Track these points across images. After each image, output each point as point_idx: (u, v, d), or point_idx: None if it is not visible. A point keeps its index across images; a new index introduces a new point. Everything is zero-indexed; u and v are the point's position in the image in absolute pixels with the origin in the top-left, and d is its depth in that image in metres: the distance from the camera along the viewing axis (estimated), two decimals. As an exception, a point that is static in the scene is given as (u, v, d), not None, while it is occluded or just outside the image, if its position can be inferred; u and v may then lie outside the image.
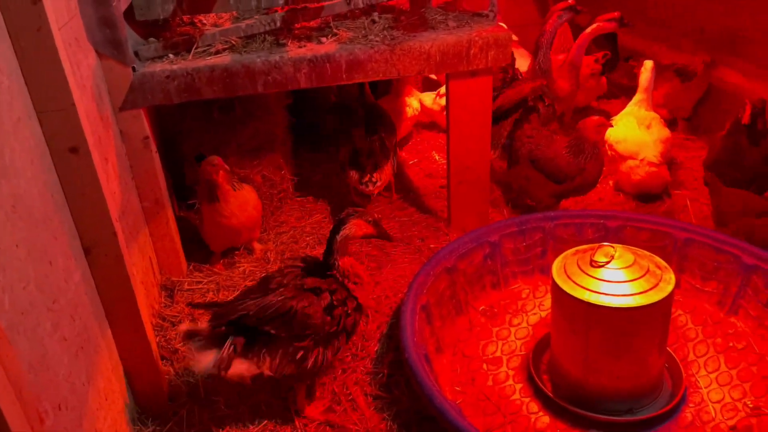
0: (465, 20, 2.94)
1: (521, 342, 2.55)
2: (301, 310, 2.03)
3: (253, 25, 2.72)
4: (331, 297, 2.10)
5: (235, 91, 2.62)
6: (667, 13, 4.46)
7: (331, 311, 2.08)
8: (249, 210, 2.93)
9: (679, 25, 4.35)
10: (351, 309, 2.15)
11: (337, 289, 2.13)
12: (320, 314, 2.06)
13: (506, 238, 2.81)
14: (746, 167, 2.99)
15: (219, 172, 2.77)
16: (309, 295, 2.08)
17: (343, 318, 2.11)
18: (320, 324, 2.06)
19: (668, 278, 2.09)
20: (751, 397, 2.19)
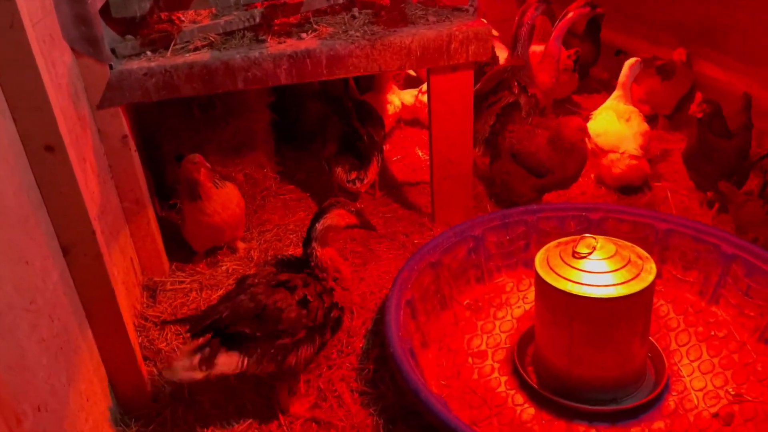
0: (445, 15, 2.94)
1: (506, 335, 2.56)
2: (272, 306, 2.01)
3: (232, 21, 2.70)
4: (304, 291, 2.06)
5: (215, 88, 2.60)
6: (646, 7, 4.51)
7: (305, 305, 2.05)
8: (232, 207, 2.90)
9: (658, 19, 4.40)
10: (329, 303, 2.12)
11: (311, 283, 2.10)
12: (294, 308, 2.03)
13: (490, 231, 2.82)
14: (716, 161, 3.03)
15: (200, 170, 2.75)
16: (281, 290, 2.05)
17: (321, 311, 2.08)
18: (295, 318, 2.03)
19: (649, 268, 2.10)
20: (732, 385, 2.21)
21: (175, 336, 2.56)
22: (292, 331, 2.04)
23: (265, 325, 2.01)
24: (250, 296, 2.02)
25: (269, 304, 2.01)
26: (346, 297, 2.22)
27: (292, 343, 2.06)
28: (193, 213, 2.85)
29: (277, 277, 2.09)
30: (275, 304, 2.01)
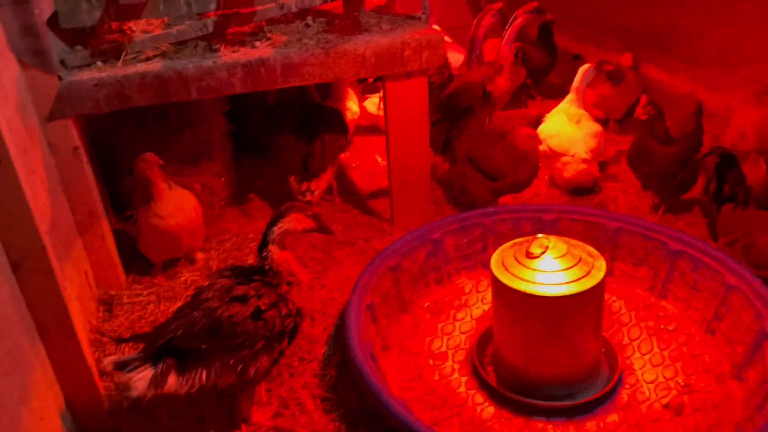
0: (398, 23, 2.98)
1: (465, 336, 2.60)
2: (227, 321, 1.99)
3: (184, 30, 2.69)
4: (258, 302, 2.04)
5: (168, 98, 2.58)
6: (594, 13, 4.65)
7: (261, 316, 2.03)
8: (188, 211, 2.85)
9: (606, 25, 4.55)
10: (285, 311, 2.11)
11: (264, 293, 2.07)
12: (249, 321, 2.01)
13: (448, 235, 2.86)
14: (653, 164, 3.15)
15: (153, 169, 2.71)
16: (234, 304, 2.02)
17: (278, 320, 2.07)
18: (252, 330, 2.01)
19: (599, 266, 2.17)
20: (682, 376, 2.30)
21: (133, 350, 2.51)
22: (249, 343, 2.03)
23: (222, 340, 1.99)
24: (204, 312, 2.00)
25: (224, 319, 1.99)
26: (303, 299, 2.21)
27: (251, 354, 2.05)
28: (148, 217, 2.80)
29: (231, 289, 2.07)
30: (230, 318, 1.99)
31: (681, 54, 3.89)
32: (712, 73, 3.70)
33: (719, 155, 2.81)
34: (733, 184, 2.79)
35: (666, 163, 3.09)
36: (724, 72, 3.61)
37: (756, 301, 2.25)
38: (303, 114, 3.49)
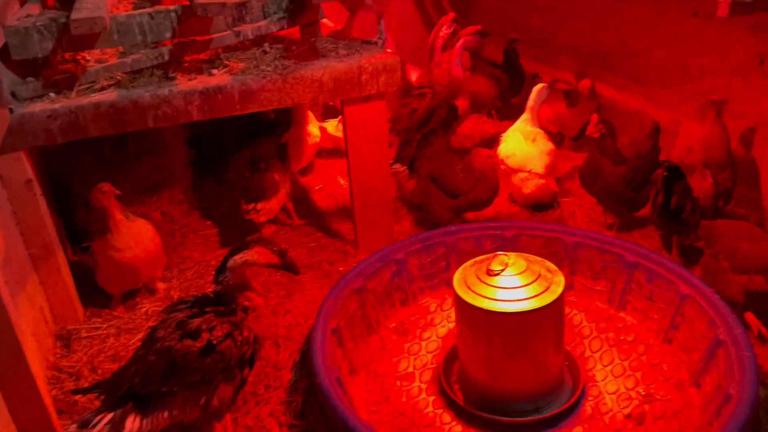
0: (355, 48, 3.02)
1: (432, 355, 2.61)
2: (181, 360, 1.96)
3: (139, 59, 2.67)
4: (210, 335, 2.01)
5: (124, 127, 2.56)
6: (545, 34, 4.79)
7: (214, 349, 2.00)
8: (146, 242, 2.81)
9: (557, 44, 4.69)
10: (242, 339, 2.08)
11: (217, 325, 2.04)
12: (202, 358, 1.99)
13: (411, 255, 2.88)
14: (600, 182, 3.25)
15: (110, 199, 2.67)
16: (186, 341, 1.99)
17: (235, 350, 2.04)
18: (208, 365, 1.99)
19: (558, 281, 2.22)
20: (642, 385, 2.35)
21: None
22: (209, 377, 2.00)
23: (180, 379, 1.97)
24: (158, 354, 1.97)
25: (178, 358, 1.96)
26: (262, 324, 2.20)
27: (213, 387, 2.02)
28: (104, 250, 2.74)
29: (183, 324, 2.03)
30: (184, 357, 1.96)
31: (630, 72, 4.03)
32: (659, 90, 3.84)
33: (666, 169, 2.90)
34: (680, 197, 2.89)
35: (615, 182, 3.19)
36: (670, 89, 3.75)
37: (709, 309, 2.32)
38: (247, 136, 3.51)
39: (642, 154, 3.19)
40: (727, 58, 3.35)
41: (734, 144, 3.28)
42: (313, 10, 2.99)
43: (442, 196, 3.34)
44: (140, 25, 2.67)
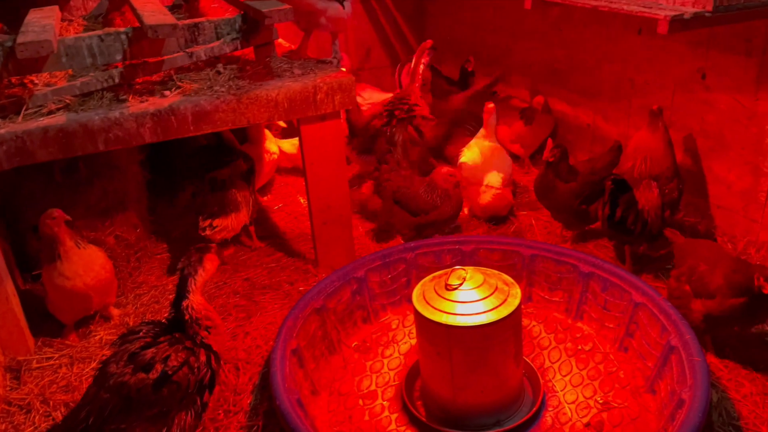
0: (310, 67, 3.04)
1: (394, 372, 2.60)
2: (136, 395, 1.92)
3: (89, 82, 2.63)
4: (164, 366, 1.97)
5: (74, 151, 2.50)
6: (499, 52, 4.91)
7: (169, 380, 1.96)
8: (96, 270, 2.73)
9: (510, 62, 4.80)
10: (198, 364, 2.04)
11: (171, 353, 2.00)
12: (158, 390, 1.95)
13: (372, 272, 2.89)
14: (550, 199, 3.34)
15: (60, 226, 2.60)
16: (140, 375, 1.95)
17: (192, 377, 2.00)
18: (166, 396, 1.95)
19: (515, 293, 2.25)
20: (600, 394, 2.39)
21: (44, 418, 2.37)
22: (167, 409, 1.96)
23: (138, 415, 1.92)
24: (112, 390, 1.92)
25: (133, 394, 1.91)
26: (227, 349, 2.16)
27: (172, 416, 1.98)
28: (53, 278, 2.67)
29: (135, 357, 1.98)
30: (139, 392, 1.92)
31: (580, 87, 4.15)
32: (608, 104, 3.96)
33: (612, 182, 2.98)
34: (624, 208, 2.96)
35: (566, 197, 3.26)
36: (619, 103, 3.88)
37: (660, 315, 2.38)
38: (208, 158, 3.47)
39: (596, 170, 3.27)
40: (671, 72, 3.48)
41: (680, 155, 3.40)
42: (267, 31, 3.00)
43: (405, 215, 3.38)
44: (89, 48, 2.64)
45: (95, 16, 4.09)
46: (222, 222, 3.20)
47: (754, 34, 2.98)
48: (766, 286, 2.30)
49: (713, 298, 2.46)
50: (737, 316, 2.43)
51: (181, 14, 4.12)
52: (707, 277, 2.50)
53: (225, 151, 3.54)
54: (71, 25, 3.75)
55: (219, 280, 3.23)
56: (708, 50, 3.24)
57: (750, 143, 3.13)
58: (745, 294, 2.37)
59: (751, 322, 2.53)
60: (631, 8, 2.81)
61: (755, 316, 2.47)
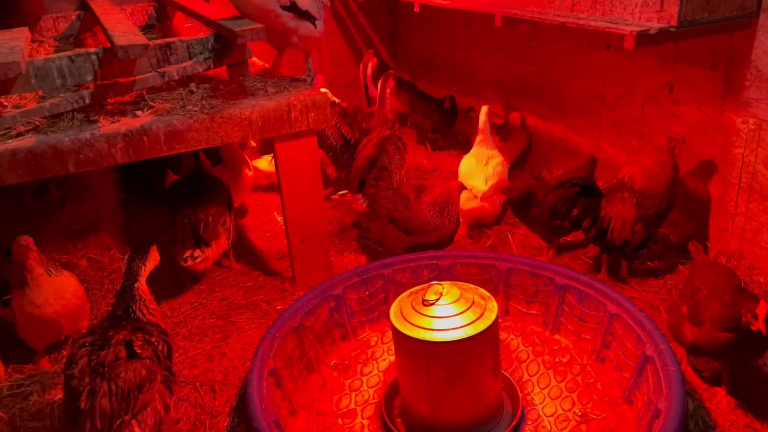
0: (284, 86, 3.04)
1: (373, 390, 2.59)
2: (133, 387, 2.05)
3: (58, 103, 2.60)
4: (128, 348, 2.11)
5: (44, 174, 2.46)
6: (471, 68, 4.97)
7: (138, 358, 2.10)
8: (68, 297, 2.68)
9: (482, 78, 4.86)
10: (156, 339, 2.22)
11: (131, 339, 2.14)
12: (141, 367, 2.10)
13: (349, 289, 2.88)
14: (527, 217, 3.38)
15: (28, 253, 2.55)
16: (120, 365, 2.07)
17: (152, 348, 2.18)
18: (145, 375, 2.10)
19: (491, 307, 2.26)
20: (579, 405, 2.40)
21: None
22: (152, 378, 2.13)
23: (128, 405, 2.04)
24: (106, 399, 2.00)
25: (129, 387, 2.04)
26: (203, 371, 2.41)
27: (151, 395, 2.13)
28: (22, 305, 2.61)
29: (96, 365, 2.05)
30: (131, 383, 2.05)
31: (551, 102, 4.21)
32: (579, 118, 4.03)
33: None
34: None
35: (541, 211, 3.27)
36: (590, 117, 3.94)
37: (635, 326, 2.40)
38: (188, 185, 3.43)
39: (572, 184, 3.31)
40: (640, 86, 3.56)
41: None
42: (240, 50, 3.00)
43: (400, 235, 3.31)
44: (59, 69, 2.61)
45: (66, 37, 4.07)
46: (203, 253, 3.16)
47: (718, 48, 3.06)
48: (754, 323, 2.13)
49: (701, 326, 2.32)
50: (720, 350, 2.29)
51: (153, 34, 4.11)
52: (703, 304, 2.34)
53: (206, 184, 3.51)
54: (42, 46, 3.72)
55: (195, 301, 3.19)
56: (675, 64, 3.32)
57: (717, 154, 3.20)
58: (732, 330, 2.21)
59: (736, 360, 2.34)
60: (598, 24, 2.87)
61: (741, 355, 2.30)
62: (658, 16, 2.74)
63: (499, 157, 3.77)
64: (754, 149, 3.02)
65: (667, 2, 2.70)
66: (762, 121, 2.94)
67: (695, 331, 2.34)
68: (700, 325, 2.32)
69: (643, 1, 2.80)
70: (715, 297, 2.32)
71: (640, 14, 2.83)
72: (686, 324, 2.39)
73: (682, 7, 2.64)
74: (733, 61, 3.01)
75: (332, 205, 4.12)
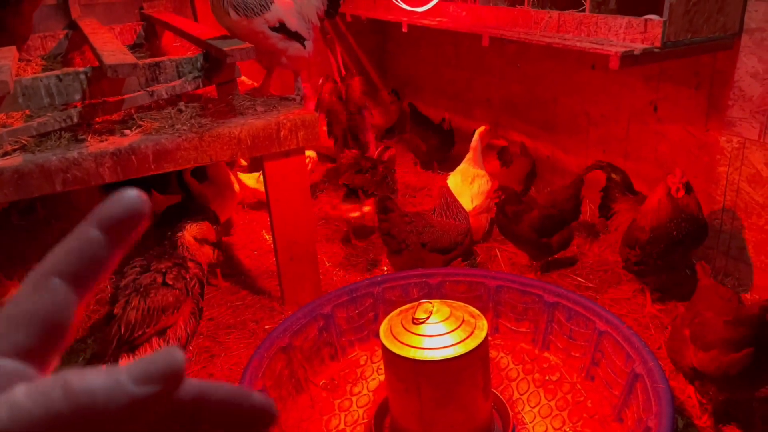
0: (273, 104, 3.05)
1: (363, 410, 2.57)
2: (151, 306, 2.43)
3: (46, 122, 2.59)
4: (163, 277, 2.51)
5: (30, 193, 2.44)
6: (458, 87, 5.02)
7: (169, 287, 2.49)
8: None
9: (470, 97, 4.91)
10: (191, 275, 2.58)
11: (166, 271, 2.54)
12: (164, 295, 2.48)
13: (338, 308, 2.86)
14: (509, 234, 3.39)
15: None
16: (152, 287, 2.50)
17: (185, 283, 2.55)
18: (172, 302, 2.49)
19: (481, 325, 2.25)
20: (569, 424, 2.39)
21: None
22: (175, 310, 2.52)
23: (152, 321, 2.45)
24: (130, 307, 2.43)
25: (153, 305, 2.45)
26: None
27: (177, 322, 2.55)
28: None
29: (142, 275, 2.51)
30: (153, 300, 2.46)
31: (538, 121, 4.26)
32: (566, 137, 4.07)
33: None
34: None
35: (524, 230, 3.30)
36: (577, 135, 3.99)
37: (624, 344, 2.41)
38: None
39: (557, 202, 3.33)
40: (625, 105, 3.61)
41: (638, 185, 3.49)
42: (230, 69, 3.01)
43: (436, 257, 3.22)
44: (47, 88, 2.60)
45: (54, 56, 4.07)
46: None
47: (702, 68, 3.12)
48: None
49: (708, 350, 2.18)
50: (734, 374, 2.11)
51: (142, 53, 4.12)
52: (708, 327, 2.21)
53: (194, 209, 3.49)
54: (29, 65, 3.71)
55: (182, 321, 3.16)
56: (659, 83, 3.37)
57: (702, 172, 3.25)
58: (748, 342, 2.06)
59: (748, 383, 2.17)
60: (583, 45, 2.92)
61: (756, 376, 2.12)
62: (642, 37, 2.80)
63: (485, 176, 3.79)
64: (738, 167, 3.06)
65: (651, 23, 2.75)
66: (745, 140, 2.99)
67: (700, 355, 2.22)
68: (708, 349, 2.19)
69: (627, 23, 2.86)
70: (720, 320, 2.20)
71: (625, 35, 2.88)
72: (690, 348, 2.28)
73: (666, 28, 2.69)
74: (717, 80, 3.06)
75: (321, 222, 4.13)
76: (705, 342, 2.22)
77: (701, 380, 2.30)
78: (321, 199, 4.51)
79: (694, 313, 2.38)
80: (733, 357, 2.13)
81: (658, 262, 2.89)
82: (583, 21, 3.10)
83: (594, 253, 3.58)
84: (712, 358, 2.17)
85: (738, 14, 2.86)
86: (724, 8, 2.82)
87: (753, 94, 2.90)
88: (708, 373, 2.20)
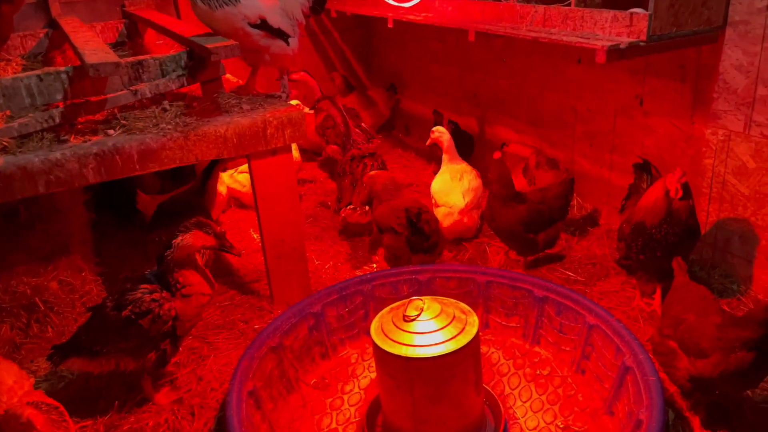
0: (258, 102, 3.02)
1: (354, 408, 2.56)
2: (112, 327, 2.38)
3: (27, 123, 2.54)
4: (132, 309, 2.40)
5: (12, 196, 2.40)
6: (446, 84, 5.02)
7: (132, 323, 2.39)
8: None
9: (457, 92, 4.90)
10: (164, 316, 2.43)
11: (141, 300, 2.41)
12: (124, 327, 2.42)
13: (328, 306, 2.85)
14: (498, 224, 3.35)
15: None
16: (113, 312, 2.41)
17: (155, 325, 2.42)
18: (134, 334, 2.41)
19: (472, 321, 2.25)
20: (560, 418, 2.40)
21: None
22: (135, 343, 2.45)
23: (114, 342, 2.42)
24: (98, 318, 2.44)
25: (109, 324, 2.40)
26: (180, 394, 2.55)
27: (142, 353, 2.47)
28: None
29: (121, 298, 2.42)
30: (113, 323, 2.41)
31: (526, 115, 4.27)
32: (553, 131, 4.08)
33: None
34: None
35: (511, 224, 3.27)
36: (563, 130, 3.99)
37: (614, 337, 2.42)
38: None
39: (546, 199, 3.33)
40: (611, 99, 3.62)
41: (625, 178, 3.50)
42: (214, 67, 2.97)
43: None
44: (28, 88, 2.56)
45: (35, 55, 4.00)
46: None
47: (687, 61, 3.13)
48: None
49: (706, 356, 2.12)
50: (745, 372, 2.06)
51: (124, 51, 4.06)
52: (698, 330, 2.16)
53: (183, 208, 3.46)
54: (9, 65, 3.64)
55: (170, 322, 3.13)
56: (645, 77, 3.38)
57: (688, 165, 3.26)
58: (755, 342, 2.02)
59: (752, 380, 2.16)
60: (569, 39, 2.92)
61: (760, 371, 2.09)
62: (628, 30, 2.80)
63: (472, 172, 3.79)
64: (723, 160, 3.08)
65: (637, 17, 2.76)
66: (731, 132, 3.01)
67: (698, 363, 2.15)
68: (706, 356, 2.12)
69: (613, 17, 2.86)
70: (708, 323, 2.15)
71: (611, 29, 2.88)
72: (684, 359, 2.21)
73: (651, 22, 2.70)
74: (702, 74, 3.08)
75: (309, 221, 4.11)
76: (699, 349, 2.15)
77: (702, 389, 2.22)
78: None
79: (673, 318, 2.30)
80: (736, 357, 2.06)
81: (640, 257, 2.89)
82: (568, 15, 3.10)
83: (582, 247, 3.59)
84: (715, 364, 2.10)
85: (722, 7, 2.88)
86: (709, 1, 2.83)
87: (737, 87, 2.92)
88: (712, 378, 2.12)
